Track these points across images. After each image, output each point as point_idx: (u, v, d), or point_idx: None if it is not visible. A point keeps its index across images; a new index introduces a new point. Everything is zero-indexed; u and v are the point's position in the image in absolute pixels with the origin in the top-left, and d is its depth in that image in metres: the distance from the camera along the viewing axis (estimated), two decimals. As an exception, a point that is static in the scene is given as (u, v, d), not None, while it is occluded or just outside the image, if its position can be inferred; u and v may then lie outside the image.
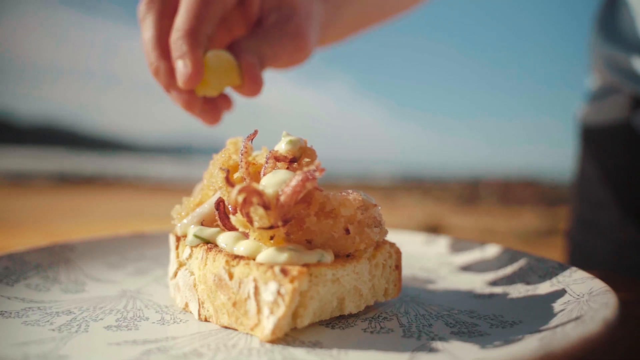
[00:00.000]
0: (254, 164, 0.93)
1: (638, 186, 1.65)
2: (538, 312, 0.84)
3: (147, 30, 1.02)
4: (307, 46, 1.12)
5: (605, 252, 1.73)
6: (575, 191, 1.97)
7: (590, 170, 1.85)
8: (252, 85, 1.03)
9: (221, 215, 0.91)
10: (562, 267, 1.00)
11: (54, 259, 1.14)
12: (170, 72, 1.02)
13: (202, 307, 0.88)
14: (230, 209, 0.89)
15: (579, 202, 1.92)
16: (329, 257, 0.82)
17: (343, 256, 0.86)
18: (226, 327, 0.83)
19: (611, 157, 1.74)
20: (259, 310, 0.77)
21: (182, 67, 0.97)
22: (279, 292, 0.75)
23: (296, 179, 0.79)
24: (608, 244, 1.73)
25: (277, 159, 0.90)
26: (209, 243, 0.92)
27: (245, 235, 0.87)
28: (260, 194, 0.78)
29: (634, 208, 1.65)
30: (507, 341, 0.72)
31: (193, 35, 0.98)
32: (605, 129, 1.75)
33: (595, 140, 1.82)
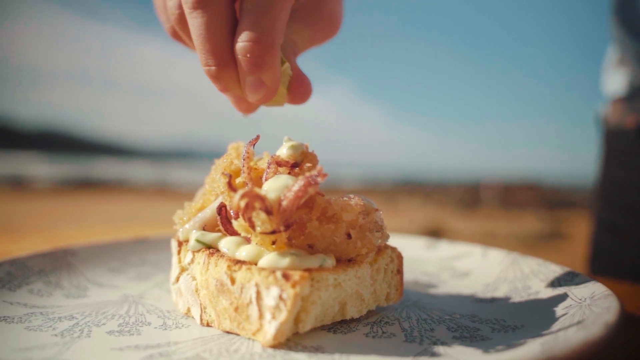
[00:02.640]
0: (255, 168, 0.94)
1: None
2: (540, 316, 0.84)
3: (206, 23, 0.83)
4: (338, 27, 1.01)
5: (632, 258, 1.67)
6: (598, 194, 1.90)
7: (617, 173, 1.78)
8: (302, 91, 0.93)
9: (223, 220, 0.91)
10: (563, 271, 1.00)
11: (56, 264, 1.14)
12: (234, 78, 0.87)
13: (204, 312, 0.88)
14: (232, 213, 0.89)
15: (603, 205, 1.86)
16: (330, 261, 0.82)
17: (345, 261, 0.86)
18: (228, 332, 0.84)
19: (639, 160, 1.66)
20: (260, 315, 0.77)
21: (257, 84, 0.85)
22: (280, 297, 0.75)
23: (298, 183, 0.79)
24: (636, 250, 1.67)
25: (279, 164, 0.90)
26: (211, 248, 0.92)
27: (247, 240, 0.87)
28: (262, 199, 0.78)
29: None
30: (509, 345, 0.72)
31: (274, 48, 0.84)
32: (635, 129, 1.68)
33: (623, 141, 1.75)
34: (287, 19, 0.86)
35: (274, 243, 0.80)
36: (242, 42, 0.83)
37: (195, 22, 0.84)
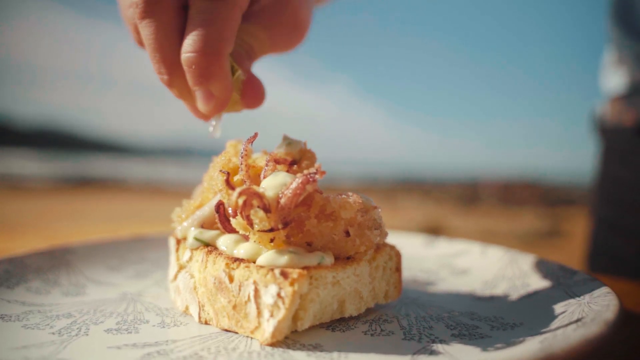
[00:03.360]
0: (254, 166, 0.93)
1: None
2: (539, 314, 0.84)
3: (154, 32, 0.81)
4: (304, 33, 0.97)
5: (632, 256, 1.67)
6: (597, 192, 1.90)
7: (616, 171, 1.78)
8: (255, 95, 0.92)
9: (221, 218, 0.91)
10: (563, 269, 1.00)
11: (54, 262, 1.14)
12: (185, 87, 0.86)
13: (203, 310, 0.88)
14: (230, 211, 0.89)
15: (602, 203, 1.86)
16: (329, 259, 0.82)
17: (343, 258, 0.86)
18: (226, 330, 0.83)
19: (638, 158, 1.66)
20: (259, 313, 0.77)
21: (206, 96, 0.84)
22: (279, 295, 0.75)
23: (296, 181, 0.79)
24: (636, 247, 1.67)
25: (277, 161, 0.90)
26: (209, 246, 0.92)
27: (246, 238, 0.87)
28: (260, 196, 0.78)
29: None
30: (508, 343, 0.72)
31: (220, 58, 0.81)
32: (635, 128, 1.67)
33: (622, 139, 1.74)
34: (236, 26, 0.83)
35: (272, 241, 0.80)
36: (186, 53, 0.80)
37: (144, 31, 0.82)
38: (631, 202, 1.70)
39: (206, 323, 0.87)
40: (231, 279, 0.81)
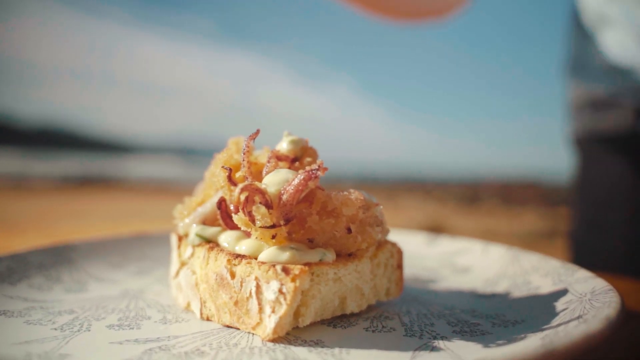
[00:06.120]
0: (255, 163, 0.93)
1: None
2: (540, 311, 0.84)
3: None
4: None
5: (612, 252, 1.77)
6: (577, 193, 2.01)
7: (593, 174, 1.90)
8: None
9: (223, 214, 0.91)
10: (564, 266, 1.00)
11: (56, 259, 1.14)
12: None
13: (204, 306, 0.88)
14: (232, 208, 0.89)
15: (582, 203, 1.96)
16: (330, 256, 0.82)
17: (345, 255, 0.86)
18: (228, 326, 0.84)
19: (617, 163, 1.79)
20: (260, 309, 0.77)
21: None
22: (280, 291, 0.75)
23: (298, 177, 0.79)
24: (616, 243, 1.76)
25: (279, 158, 0.90)
26: (211, 242, 0.92)
27: (247, 234, 0.87)
28: (262, 192, 0.78)
29: None
30: (509, 340, 0.72)
31: None
32: (609, 137, 1.81)
33: (598, 147, 1.87)
34: None
35: (274, 237, 0.80)
36: None
37: None
38: (609, 202, 1.81)
39: (208, 319, 0.87)
40: (233, 275, 0.81)
